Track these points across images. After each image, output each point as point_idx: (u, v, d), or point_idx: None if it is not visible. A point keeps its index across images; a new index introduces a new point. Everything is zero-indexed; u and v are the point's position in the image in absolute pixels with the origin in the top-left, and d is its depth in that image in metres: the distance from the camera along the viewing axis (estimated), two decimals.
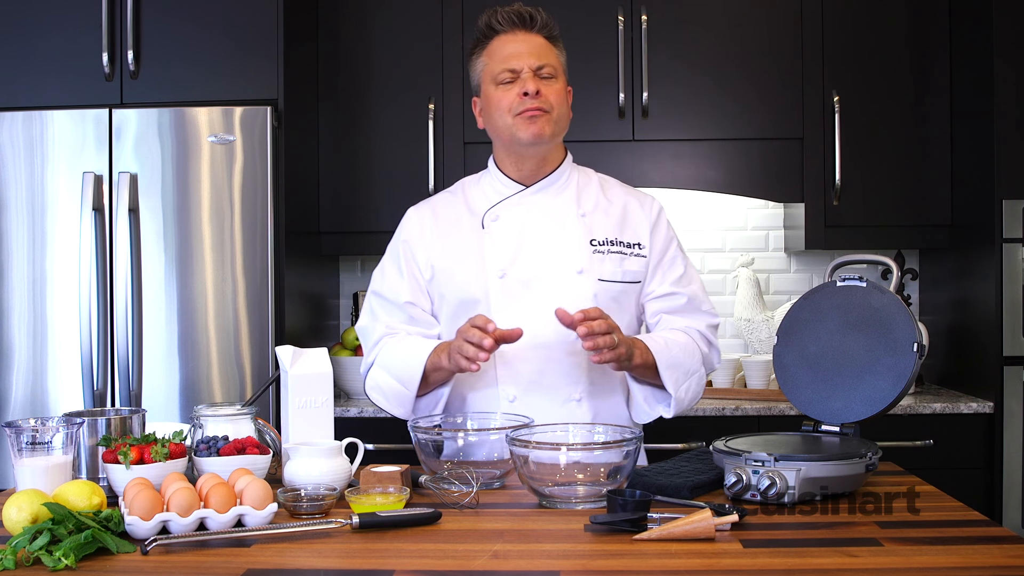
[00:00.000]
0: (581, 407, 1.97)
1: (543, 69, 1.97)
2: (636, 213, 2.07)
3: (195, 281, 2.83)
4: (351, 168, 3.25)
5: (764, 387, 3.12)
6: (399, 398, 1.98)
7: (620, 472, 1.56)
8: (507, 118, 1.96)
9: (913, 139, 3.18)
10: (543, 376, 1.96)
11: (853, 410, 1.72)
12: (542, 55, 1.98)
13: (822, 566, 1.25)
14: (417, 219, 2.10)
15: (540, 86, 1.95)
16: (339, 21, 3.25)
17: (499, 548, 1.35)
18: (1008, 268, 2.90)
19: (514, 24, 1.98)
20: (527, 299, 1.96)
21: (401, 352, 1.97)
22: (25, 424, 1.56)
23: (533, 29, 1.99)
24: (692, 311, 2.06)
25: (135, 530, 1.39)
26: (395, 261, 2.08)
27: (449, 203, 2.11)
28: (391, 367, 1.98)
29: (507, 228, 2.02)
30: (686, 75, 3.18)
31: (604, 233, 2.02)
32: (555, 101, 1.97)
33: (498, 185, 2.06)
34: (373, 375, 2.02)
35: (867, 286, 1.77)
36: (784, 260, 3.54)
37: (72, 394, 2.82)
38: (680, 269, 2.07)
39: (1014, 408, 2.89)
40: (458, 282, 2.00)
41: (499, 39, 1.99)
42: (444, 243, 2.04)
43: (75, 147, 2.85)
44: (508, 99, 1.96)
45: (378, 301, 2.08)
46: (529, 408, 1.93)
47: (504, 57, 1.97)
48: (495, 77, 1.98)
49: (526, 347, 1.93)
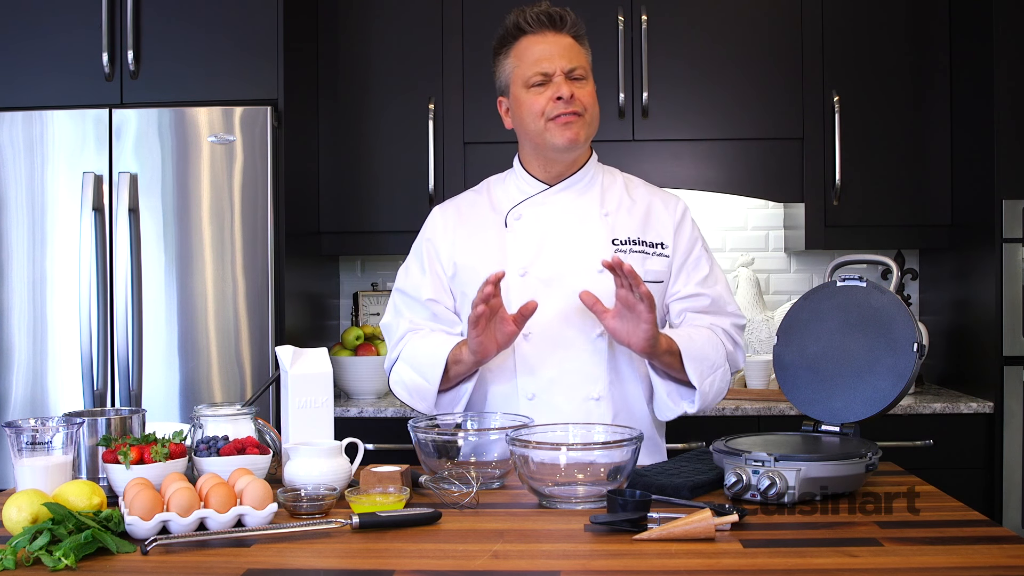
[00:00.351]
0: (600, 405, 1.96)
1: (575, 71, 1.95)
2: (660, 213, 2.06)
3: (195, 281, 2.83)
4: (351, 168, 3.25)
5: (764, 387, 3.12)
6: (421, 392, 1.97)
7: (620, 472, 1.56)
8: (540, 122, 1.95)
9: (913, 139, 3.18)
10: (563, 374, 1.95)
11: (853, 410, 1.72)
12: (573, 57, 1.95)
13: (822, 566, 1.25)
14: (441, 217, 2.10)
15: (573, 89, 1.93)
16: (339, 21, 3.25)
17: (499, 548, 1.35)
18: (1008, 268, 2.90)
19: (543, 25, 1.95)
20: (548, 297, 1.95)
21: (424, 347, 1.98)
22: (25, 424, 1.56)
23: (563, 30, 1.96)
24: (717, 312, 2.05)
25: (135, 530, 1.39)
26: (418, 259, 2.08)
27: (473, 202, 2.11)
28: (414, 361, 1.98)
29: (530, 227, 2.01)
30: (686, 75, 3.19)
31: (627, 232, 2.01)
32: (588, 103, 1.96)
33: (523, 184, 2.06)
34: (397, 369, 2.03)
35: (867, 286, 1.77)
36: (784, 260, 3.54)
37: (72, 394, 2.82)
38: (705, 270, 2.05)
39: (1014, 408, 2.89)
40: (480, 280, 1.99)
41: (527, 39, 1.97)
42: (467, 241, 2.04)
43: (75, 147, 2.85)
44: (540, 103, 1.94)
45: (401, 298, 2.08)
46: (549, 406, 1.93)
47: (535, 59, 1.95)
48: (526, 80, 1.95)
49: (546, 345, 1.94)
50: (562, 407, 1.93)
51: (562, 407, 1.93)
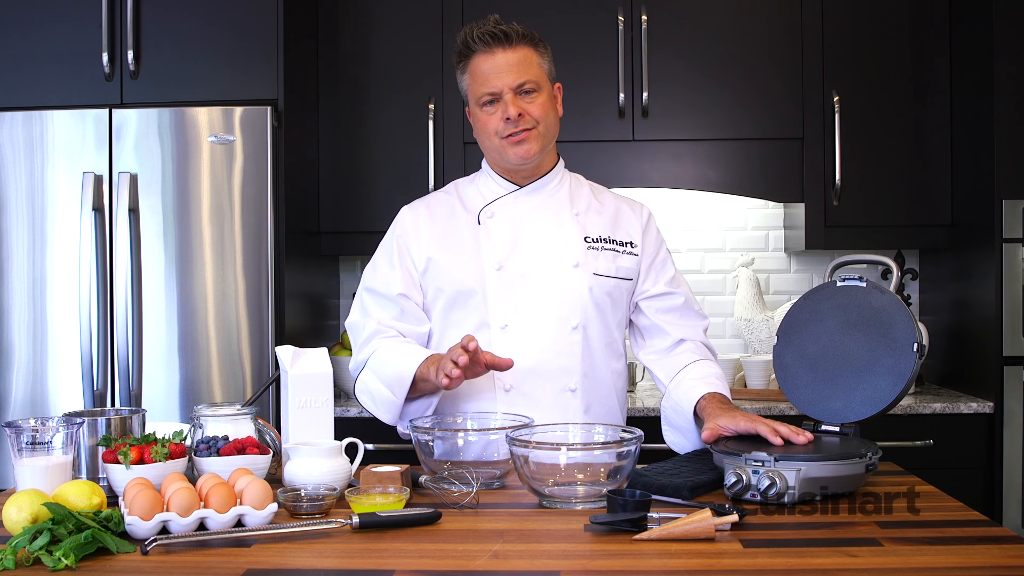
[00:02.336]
0: (575, 397, 2.00)
1: (524, 85, 1.97)
2: (628, 215, 2.13)
3: (195, 281, 2.83)
4: (351, 168, 3.25)
5: (764, 387, 3.12)
6: (387, 404, 1.98)
7: (620, 472, 1.56)
8: (494, 140, 2.00)
9: (913, 139, 3.18)
10: (539, 366, 1.98)
11: (853, 410, 1.72)
12: (522, 71, 1.97)
13: (822, 566, 1.25)
14: (411, 215, 2.12)
15: (522, 106, 1.96)
16: (339, 21, 3.24)
17: (499, 548, 1.35)
18: (1008, 268, 2.90)
19: (488, 44, 1.97)
20: (524, 291, 2.00)
21: (392, 358, 1.97)
22: (25, 424, 1.56)
23: (510, 45, 1.97)
24: (688, 312, 2.12)
25: (135, 530, 1.39)
26: (388, 255, 2.09)
27: (443, 201, 2.15)
28: (380, 372, 1.98)
29: (503, 223, 2.05)
30: (686, 75, 3.18)
31: (597, 231, 2.06)
32: (539, 115, 1.98)
33: (493, 185, 2.10)
34: (363, 378, 2.03)
35: (867, 286, 1.77)
36: (784, 260, 3.54)
37: (72, 394, 2.82)
38: (671, 271, 2.14)
39: (1014, 408, 2.89)
40: (455, 274, 2.02)
41: (477, 58, 1.99)
42: (439, 237, 2.07)
43: (75, 147, 2.84)
44: (493, 123, 1.98)
45: (369, 296, 2.09)
46: (524, 397, 1.97)
47: (484, 78, 1.97)
48: (478, 99, 2.00)
49: (522, 338, 1.98)
50: (538, 399, 1.97)
51: (538, 399, 1.97)
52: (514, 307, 1.98)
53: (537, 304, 1.99)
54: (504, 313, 1.98)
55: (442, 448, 1.79)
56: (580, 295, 1.99)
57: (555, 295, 1.99)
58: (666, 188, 3.22)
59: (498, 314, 1.98)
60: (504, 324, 1.98)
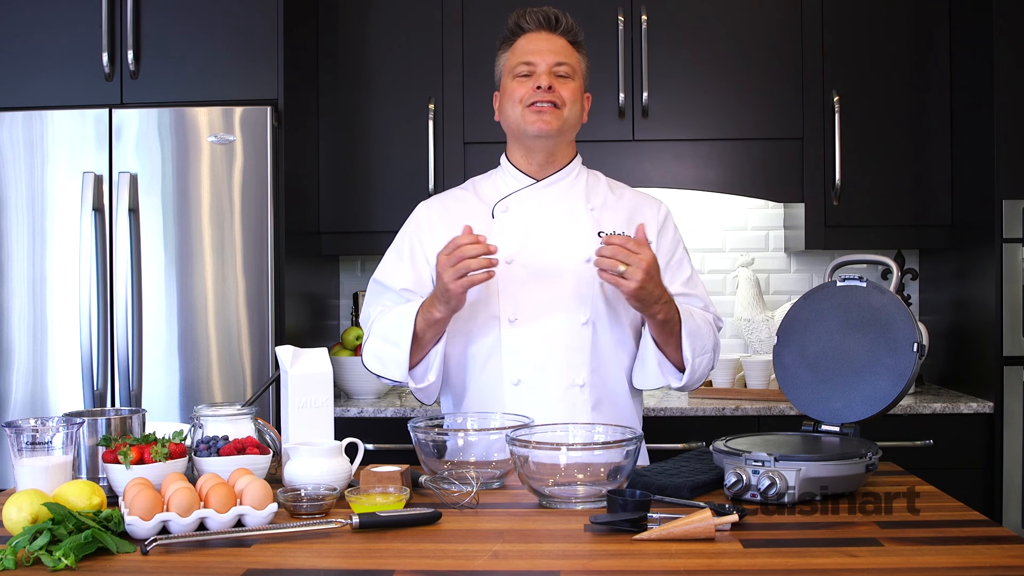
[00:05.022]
0: (583, 393, 1.99)
1: (561, 67, 2.02)
2: (645, 213, 2.11)
3: (195, 281, 2.83)
4: (351, 168, 3.25)
5: (764, 387, 3.12)
6: (394, 357, 1.98)
7: (620, 472, 1.56)
8: (518, 108, 2.02)
9: (913, 139, 3.18)
10: (548, 361, 1.98)
11: (853, 410, 1.72)
12: (562, 54, 2.04)
13: (822, 566, 1.25)
14: (427, 211, 2.15)
15: (554, 82, 2.01)
16: (339, 21, 3.24)
17: (499, 548, 1.35)
18: (1008, 268, 2.90)
19: (540, 25, 2.05)
20: (534, 285, 2.00)
21: (391, 316, 2.01)
22: (25, 424, 1.56)
23: (558, 31, 2.05)
24: (704, 312, 2.10)
25: (135, 530, 1.39)
26: (398, 250, 2.12)
27: (460, 197, 2.17)
28: (383, 332, 2.00)
29: (517, 217, 2.06)
30: (686, 75, 3.19)
31: (612, 226, 2.05)
32: (567, 98, 2.02)
33: (509, 179, 2.11)
34: (369, 344, 2.05)
35: (867, 286, 1.77)
36: (784, 260, 3.54)
37: (72, 394, 2.82)
38: (688, 271, 2.12)
39: (1014, 408, 2.89)
40: None
41: (524, 37, 2.07)
42: (452, 231, 2.05)
43: (75, 147, 2.84)
44: (521, 91, 2.02)
45: (375, 287, 2.13)
46: (533, 392, 1.97)
47: (525, 52, 2.04)
48: (513, 69, 2.04)
49: (532, 331, 1.98)
50: (546, 393, 1.97)
51: (546, 393, 1.97)
52: (523, 301, 1.98)
53: (546, 298, 1.99)
54: (513, 307, 1.99)
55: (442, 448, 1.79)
56: (591, 290, 1.99)
57: (565, 289, 1.99)
58: (666, 188, 3.22)
59: (507, 307, 1.99)
60: (513, 318, 1.99)
